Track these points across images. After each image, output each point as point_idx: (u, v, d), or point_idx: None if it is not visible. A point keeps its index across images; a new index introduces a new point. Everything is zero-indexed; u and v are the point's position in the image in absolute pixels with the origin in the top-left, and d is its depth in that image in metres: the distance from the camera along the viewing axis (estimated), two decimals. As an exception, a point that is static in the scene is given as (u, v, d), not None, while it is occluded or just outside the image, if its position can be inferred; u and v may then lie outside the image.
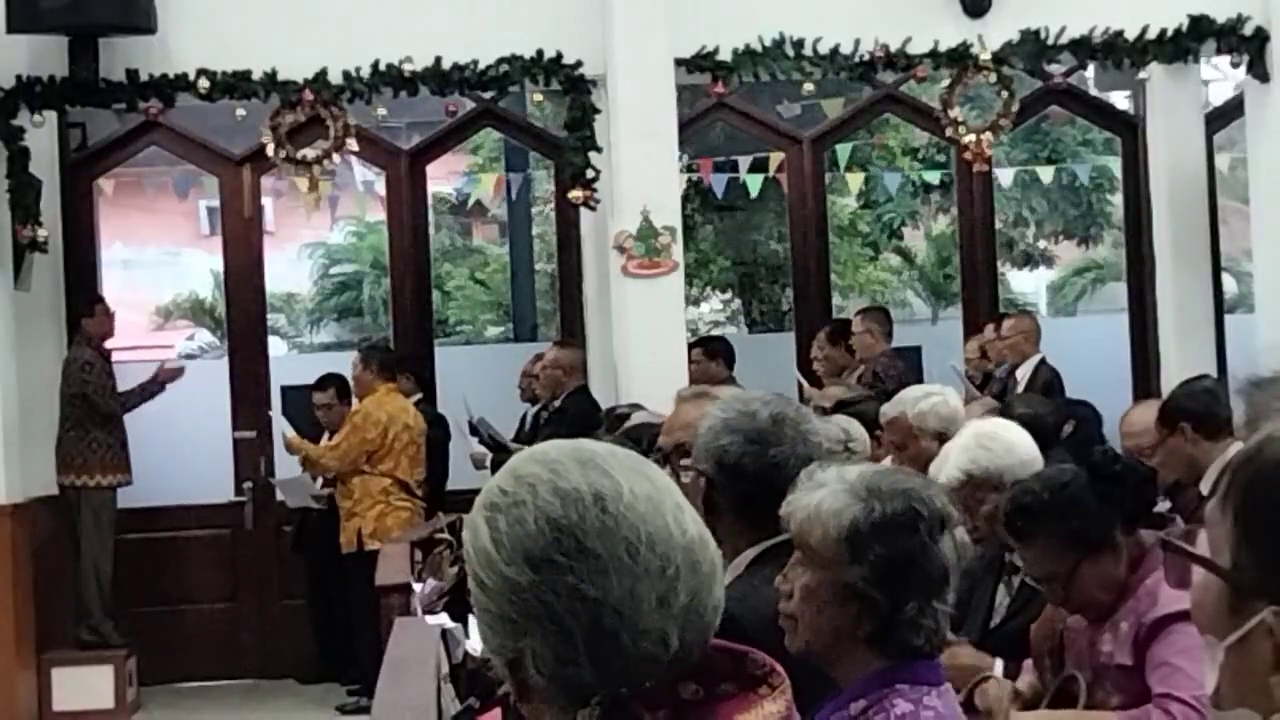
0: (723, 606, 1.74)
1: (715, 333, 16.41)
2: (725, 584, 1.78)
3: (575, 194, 9.43)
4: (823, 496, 2.81)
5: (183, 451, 10.68)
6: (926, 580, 2.77)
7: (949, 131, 9.88)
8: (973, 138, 9.77)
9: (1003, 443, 4.74)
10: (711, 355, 10.06)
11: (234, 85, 9.36)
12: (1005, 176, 13.51)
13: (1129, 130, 11.19)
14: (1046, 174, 16.23)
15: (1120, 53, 9.74)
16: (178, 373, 10.09)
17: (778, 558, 3.14)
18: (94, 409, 9.71)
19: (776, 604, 2.89)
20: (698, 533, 1.73)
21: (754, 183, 12.05)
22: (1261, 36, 9.70)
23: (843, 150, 11.71)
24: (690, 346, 9.80)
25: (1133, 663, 3.83)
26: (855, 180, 13.55)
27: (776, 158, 11.24)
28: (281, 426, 10.06)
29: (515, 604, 1.69)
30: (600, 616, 1.66)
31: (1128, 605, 3.88)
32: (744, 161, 12.34)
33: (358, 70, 9.39)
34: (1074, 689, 3.97)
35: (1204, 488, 5.16)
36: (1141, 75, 10.23)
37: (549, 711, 1.72)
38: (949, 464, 4.74)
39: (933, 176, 16.63)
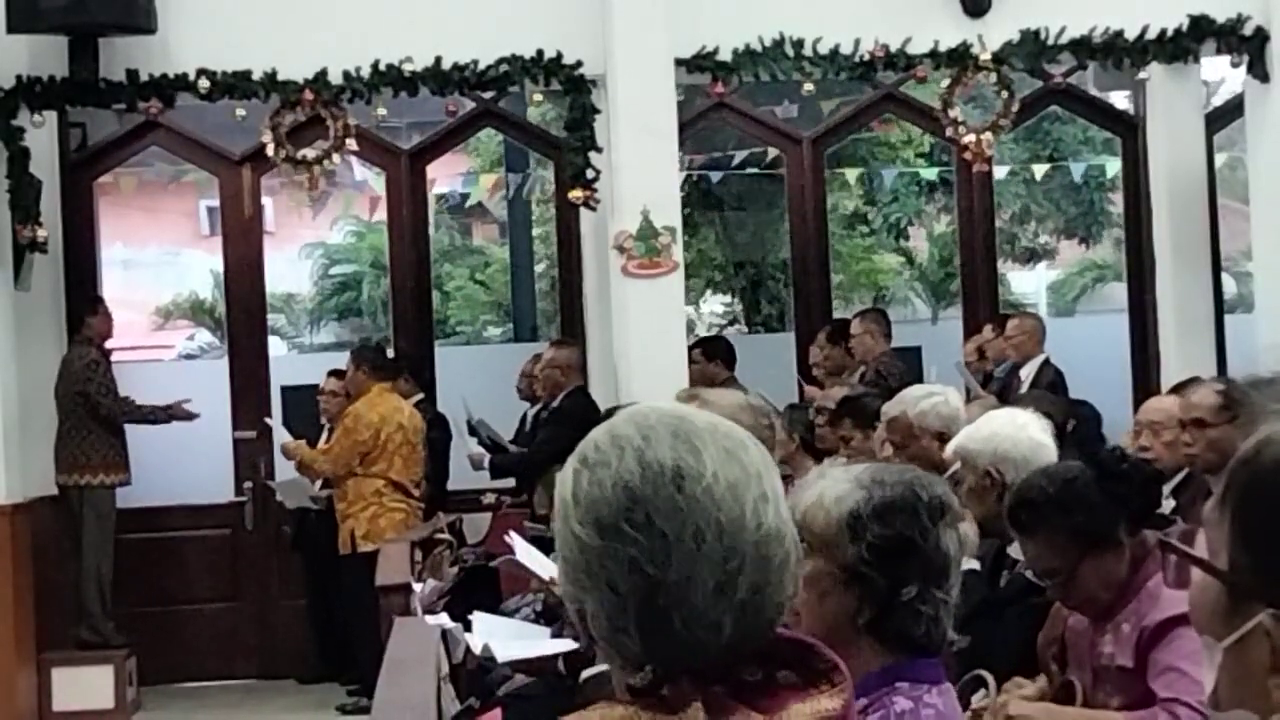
0: (791, 603, 1.74)
1: (716, 333, 16.43)
2: None
3: (575, 194, 9.43)
4: (826, 485, 2.85)
5: (183, 451, 10.68)
6: (925, 565, 2.78)
7: (949, 131, 9.88)
8: (973, 137, 9.77)
9: (988, 428, 4.85)
10: (710, 356, 10.11)
11: (234, 85, 9.36)
12: (1004, 172, 13.53)
13: (1129, 130, 11.19)
14: (1047, 172, 16.24)
15: (1120, 53, 9.74)
16: (191, 416, 10.07)
17: None
18: (94, 409, 9.71)
19: None
20: (776, 526, 1.72)
21: (753, 177, 12.05)
22: (1261, 36, 9.69)
23: (843, 147, 11.72)
24: (690, 348, 9.81)
25: (1134, 665, 3.83)
26: (854, 174, 13.54)
27: (774, 154, 11.25)
28: (278, 432, 10.06)
29: (581, 561, 1.71)
30: (654, 595, 1.67)
31: (1129, 606, 3.88)
32: (741, 158, 12.38)
33: (358, 70, 9.39)
34: (1070, 697, 3.97)
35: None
36: (1141, 75, 10.23)
37: (611, 664, 1.75)
38: (956, 436, 4.99)
39: (931, 173, 16.60)
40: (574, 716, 1.70)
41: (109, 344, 10.22)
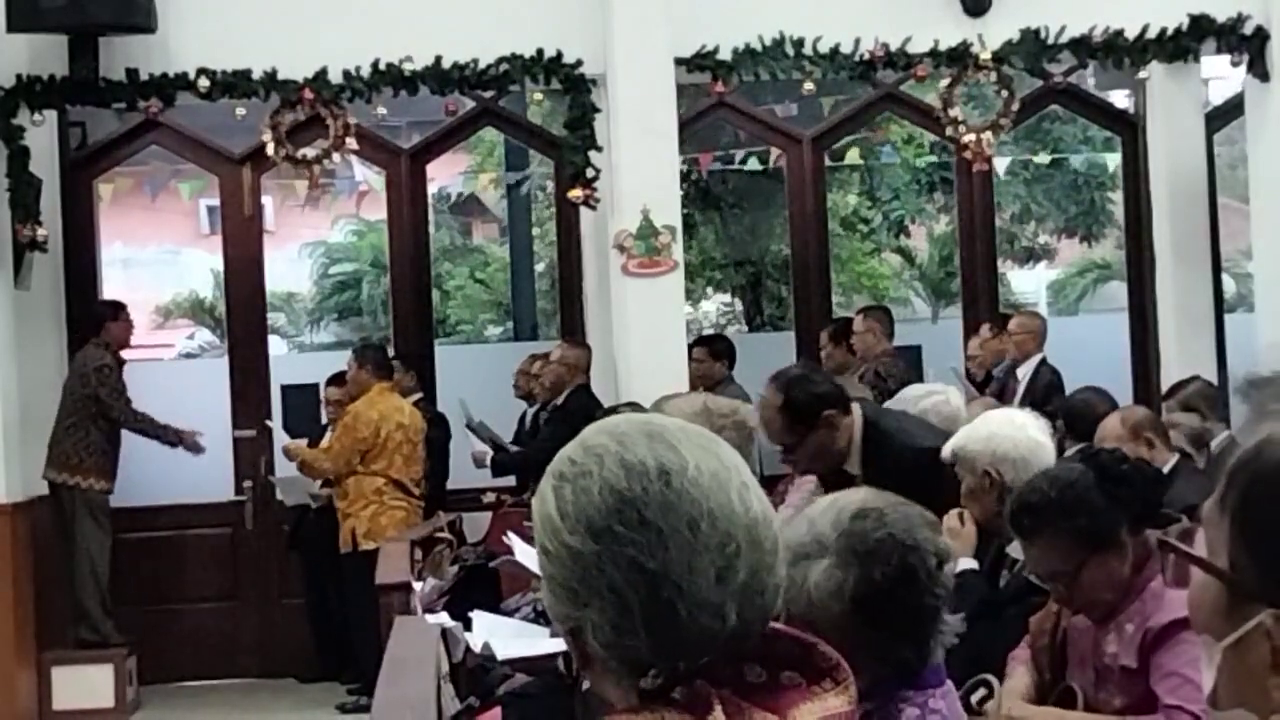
0: (784, 586, 1.76)
1: (716, 332, 16.43)
2: None
3: (575, 193, 9.43)
4: (815, 580, 2.73)
5: (183, 450, 10.66)
6: (938, 611, 2.77)
7: (949, 131, 9.89)
8: (973, 137, 9.77)
9: (985, 429, 4.86)
10: (715, 355, 10.17)
11: (234, 84, 9.37)
12: (1005, 171, 13.52)
13: (1129, 129, 11.18)
14: (1047, 170, 16.23)
15: (1120, 52, 9.74)
16: (197, 449, 10.00)
17: None
18: (105, 412, 9.67)
19: None
20: (762, 512, 1.74)
21: (754, 176, 12.04)
22: (1261, 36, 9.70)
23: (843, 146, 11.72)
24: (691, 345, 9.83)
25: (1137, 665, 3.82)
26: (854, 173, 13.50)
27: (775, 154, 11.25)
28: (278, 434, 10.05)
29: (576, 573, 1.71)
30: (658, 589, 1.68)
31: (1133, 606, 3.87)
32: (742, 156, 12.37)
33: (358, 69, 9.39)
34: (1071, 702, 3.96)
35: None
36: (1141, 75, 10.23)
37: (609, 680, 1.74)
38: (953, 438, 4.99)
39: (931, 160, 16.56)
40: None
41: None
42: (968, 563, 4.58)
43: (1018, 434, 4.83)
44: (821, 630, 2.69)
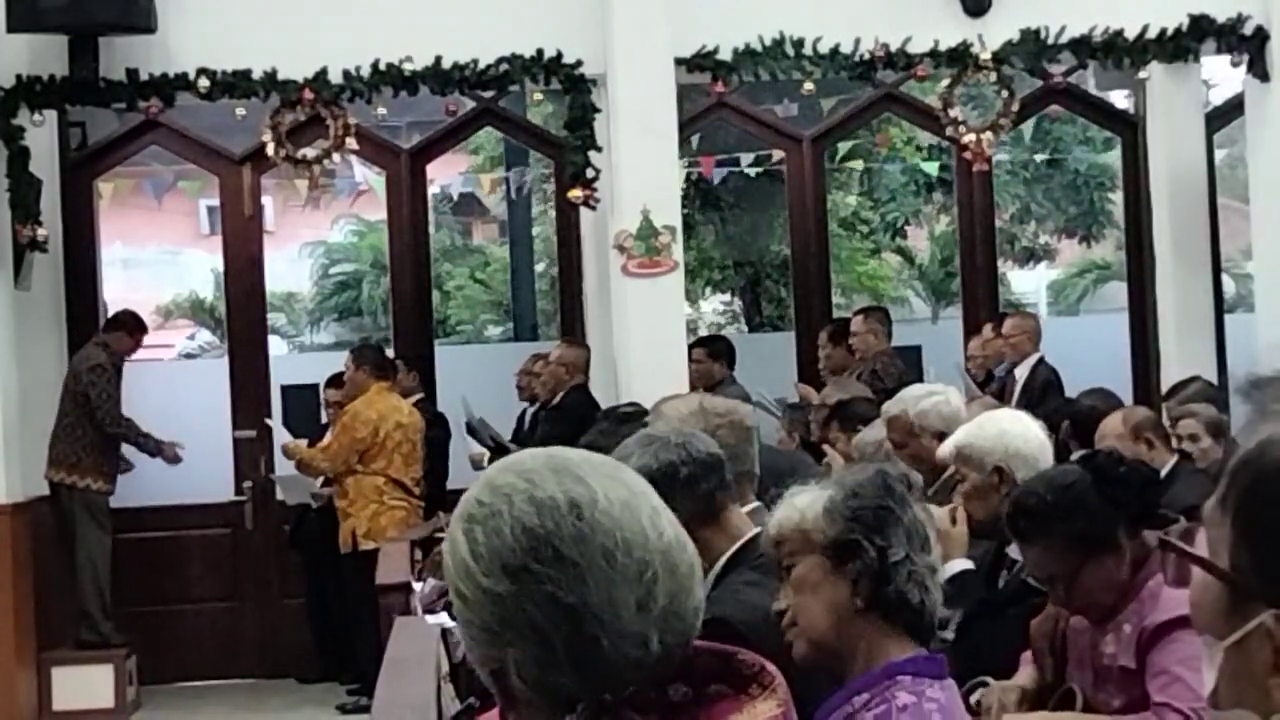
0: (703, 608, 1.75)
1: (715, 332, 16.43)
2: (708, 588, 1.79)
3: (575, 193, 9.43)
4: (795, 499, 2.96)
5: (182, 451, 10.66)
6: (908, 532, 2.85)
7: (949, 131, 9.89)
8: (973, 137, 9.77)
9: (996, 428, 4.85)
10: (714, 356, 10.15)
11: (234, 84, 9.37)
12: (1004, 171, 13.54)
13: (1129, 130, 11.18)
14: (1047, 170, 16.22)
15: (1120, 52, 9.75)
16: (175, 460, 9.99)
17: (749, 558, 3.37)
18: (91, 415, 9.66)
19: (762, 604, 2.93)
20: (675, 536, 1.74)
21: (755, 178, 12.03)
22: (1261, 36, 9.70)
23: (844, 146, 11.72)
24: (691, 346, 9.83)
25: (1135, 665, 3.82)
26: (854, 174, 13.50)
27: (777, 155, 11.25)
28: (278, 432, 10.05)
29: (495, 614, 1.70)
30: (580, 623, 1.67)
31: (1130, 607, 3.87)
32: (745, 159, 12.37)
33: (358, 70, 9.40)
34: (1071, 703, 3.96)
35: None
36: (1141, 75, 10.24)
37: (535, 717, 1.73)
38: (952, 436, 5.00)
39: (932, 167, 16.57)
40: None
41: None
42: (962, 563, 4.58)
43: (1028, 432, 4.86)
44: (794, 542, 2.91)
